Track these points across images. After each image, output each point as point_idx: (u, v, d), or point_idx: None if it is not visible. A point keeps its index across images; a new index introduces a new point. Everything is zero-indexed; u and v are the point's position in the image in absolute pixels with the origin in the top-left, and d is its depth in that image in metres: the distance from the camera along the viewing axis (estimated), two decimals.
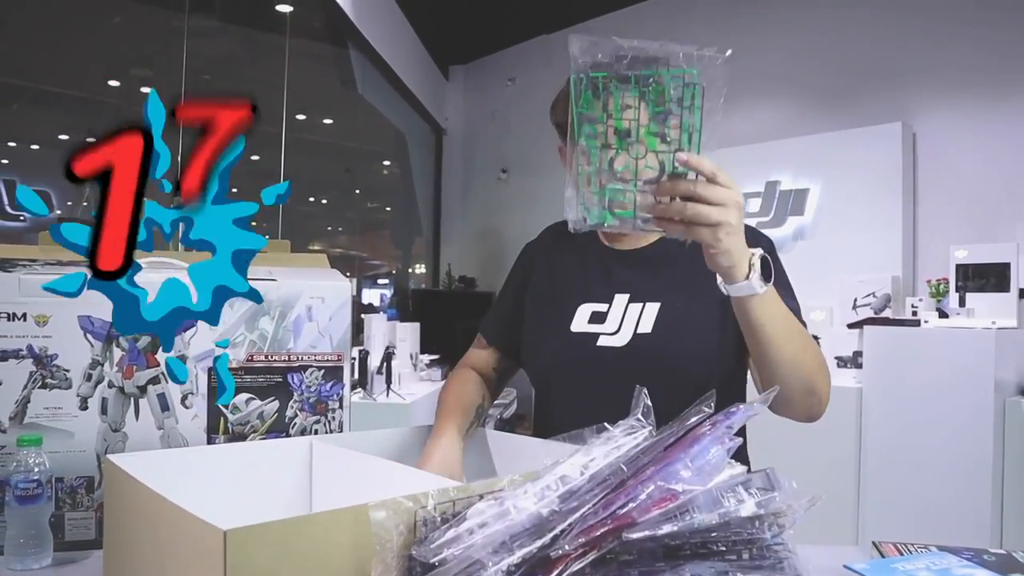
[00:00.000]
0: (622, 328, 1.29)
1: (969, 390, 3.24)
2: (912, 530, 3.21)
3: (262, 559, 0.66)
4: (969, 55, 4.24)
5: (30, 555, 0.98)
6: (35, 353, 1.06)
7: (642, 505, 0.67)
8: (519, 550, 0.65)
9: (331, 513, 0.71)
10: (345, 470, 1.03)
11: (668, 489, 0.68)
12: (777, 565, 0.69)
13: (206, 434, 1.16)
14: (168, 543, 0.75)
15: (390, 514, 0.70)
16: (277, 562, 0.67)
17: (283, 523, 0.68)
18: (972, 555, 0.96)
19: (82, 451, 1.08)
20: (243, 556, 0.64)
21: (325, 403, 1.24)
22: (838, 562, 0.95)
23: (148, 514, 0.80)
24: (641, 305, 1.29)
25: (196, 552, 0.68)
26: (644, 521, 0.66)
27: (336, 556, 0.70)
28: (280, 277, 1.22)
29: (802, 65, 5.00)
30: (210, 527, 0.65)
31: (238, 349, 1.17)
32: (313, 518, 0.71)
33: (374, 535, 0.68)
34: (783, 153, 4.87)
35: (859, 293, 4.25)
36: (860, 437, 3.61)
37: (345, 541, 0.70)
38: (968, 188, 4.23)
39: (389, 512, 0.70)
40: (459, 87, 7.79)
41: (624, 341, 1.28)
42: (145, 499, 0.80)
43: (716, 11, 5.50)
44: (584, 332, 1.31)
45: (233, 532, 0.64)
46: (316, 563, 0.69)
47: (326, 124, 6.79)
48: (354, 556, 0.70)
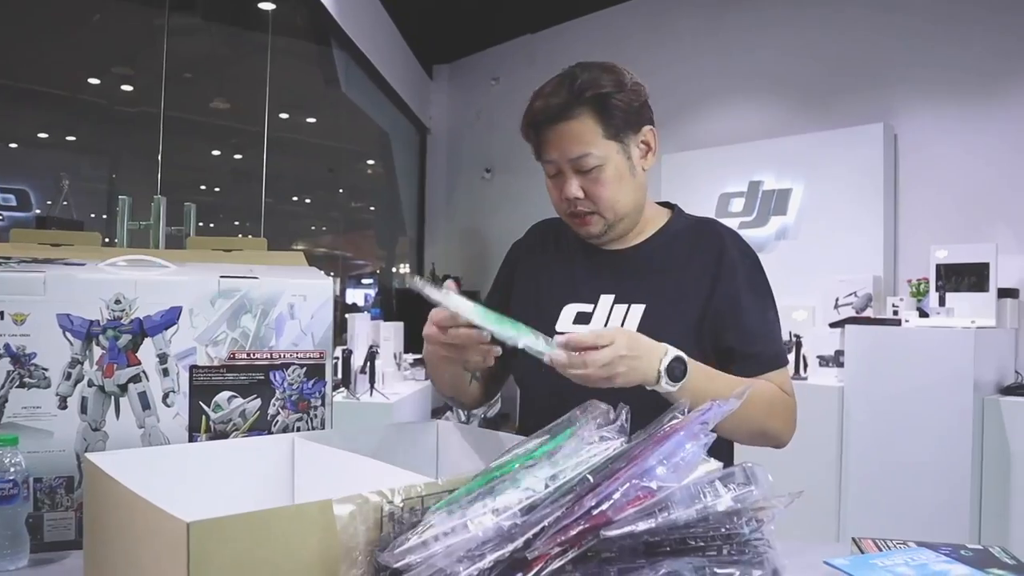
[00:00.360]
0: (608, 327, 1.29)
1: (949, 389, 3.28)
2: (892, 527, 3.24)
3: (226, 552, 0.66)
4: (951, 56, 4.29)
5: (5, 556, 0.97)
6: (12, 352, 1.05)
7: (617, 504, 0.67)
8: (490, 554, 0.65)
9: (297, 507, 0.71)
10: (327, 467, 1.03)
11: (643, 487, 0.68)
12: (755, 560, 0.69)
13: (188, 433, 1.15)
14: (139, 538, 0.75)
15: (355, 509, 0.70)
16: (242, 555, 0.66)
17: (247, 516, 0.67)
18: (950, 550, 0.97)
19: (61, 451, 1.07)
20: (206, 549, 0.64)
21: (307, 401, 1.23)
22: (818, 558, 0.96)
23: (121, 510, 0.80)
24: (626, 307, 1.29)
25: (163, 546, 0.68)
26: (621, 519, 0.66)
27: (302, 550, 0.69)
28: (262, 275, 1.21)
29: (785, 66, 5.03)
30: (174, 520, 0.65)
31: (220, 347, 1.17)
32: (278, 512, 0.70)
33: (339, 530, 0.68)
34: (766, 153, 4.90)
35: (841, 292, 4.28)
36: (842, 435, 3.64)
37: (312, 535, 0.70)
38: (949, 188, 4.28)
39: (354, 507, 0.70)
40: (443, 86, 7.78)
41: None
42: (118, 495, 0.80)
43: (701, 10, 5.53)
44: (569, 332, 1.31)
45: (196, 525, 0.64)
46: (282, 557, 0.69)
47: (309, 123, 6.76)
48: (321, 551, 0.70)
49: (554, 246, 1.41)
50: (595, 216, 1.28)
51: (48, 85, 4.46)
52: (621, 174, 1.26)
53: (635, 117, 1.27)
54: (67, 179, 4.37)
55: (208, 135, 5.73)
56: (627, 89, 1.25)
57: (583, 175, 1.25)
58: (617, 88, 1.24)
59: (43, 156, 4.69)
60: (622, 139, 1.26)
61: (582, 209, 1.28)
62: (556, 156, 1.25)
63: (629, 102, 1.24)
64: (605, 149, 1.24)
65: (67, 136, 4.86)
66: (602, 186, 1.25)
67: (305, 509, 0.70)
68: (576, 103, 1.22)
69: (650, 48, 5.68)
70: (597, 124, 1.23)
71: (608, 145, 1.24)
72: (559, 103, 1.22)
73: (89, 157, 4.97)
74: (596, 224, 1.29)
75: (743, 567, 0.68)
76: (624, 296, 1.31)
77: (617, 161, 1.25)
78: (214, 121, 5.70)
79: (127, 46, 4.75)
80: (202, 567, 0.64)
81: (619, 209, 1.28)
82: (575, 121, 1.22)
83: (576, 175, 1.25)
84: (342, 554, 0.69)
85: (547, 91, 1.25)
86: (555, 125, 1.23)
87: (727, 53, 5.34)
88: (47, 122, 4.63)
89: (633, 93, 1.26)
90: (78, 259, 1.18)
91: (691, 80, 5.44)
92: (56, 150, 4.76)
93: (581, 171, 1.25)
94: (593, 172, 1.24)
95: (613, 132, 1.24)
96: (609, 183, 1.25)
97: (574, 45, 6.15)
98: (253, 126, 5.40)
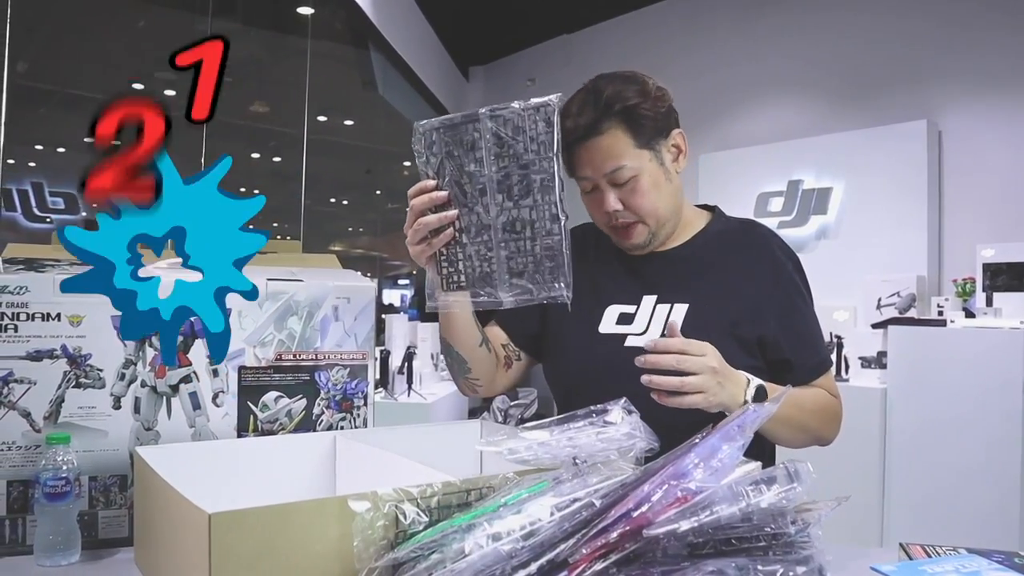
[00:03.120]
0: (650, 328, 1.29)
1: (996, 390, 3.20)
2: (938, 532, 3.17)
3: (247, 543, 0.68)
4: (995, 52, 4.19)
5: (58, 551, 1.00)
6: (69, 353, 1.08)
7: (656, 505, 0.67)
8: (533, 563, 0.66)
9: (317, 502, 0.73)
10: (368, 464, 1.05)
11: (683, 487, 0.68)
12: (801, 560, 0.68)
13: (236, 432, 1.17)
14: (174, 528, 0.78)
15: (371, 506, 0.72)
16: (262, 546, 0.69)
17: (268, 509, 0.69)
18: (1003, 558, 0.94)
19: (115, 450, 1.10)
20: (228, 539, 0.67)
21: (350, 400, 1.25)
22: (864, 563, 0.95)
23: (160, 501, 0.83)
24: (669, 306, 1.30)
25: (191, 535, 0.71)
26: (661, 520, 0.66)
27: (320, 544, 0.71)
28: (306, 278, 1.24)
29: (824, 63, 4.96)
30: (199, 511, 0.68)
31: (267, 348, 1.19)
32: (298, 506, 0.72)
33: (353, 526, 0.70)
34: (806, 152, 4.84)
35: (883, 293, 4.21)
36: (884, 438, 3.58)
37: (332, 529, 0.72)
38: (995, 186, 4.18)
39: (369, 503, 0.72)
40: (479, 88, 7.80)
41: None
42: (157, 487, 0.82)
43: (738, 7, 5.47)
44: (612, 333, 1.32)
45: (218, 516, 0.66)
46: (300, 549, 0.71)
47: (347, 125, 6.82)
48: (340, 544, 0.72)
49: (594, 251, 1.41)
50: (638, 225, 1.29)
51: (94, 90, 4.57)
52: (657, 181, 1.27)
53: (663, 123, 1.27)
54: None
55: (248, 138, 5.82)
56: (652, 97, 1.25)
57: (620, 187, 1.25)
58: (643, 97, 1.24)
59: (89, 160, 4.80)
60: (653, 147, 1.26)
61: (624, 221, 1.28)
62: (590, 172, 1.26)
63: (656, 109, 1.25)
64: (638, 159, 1.24)
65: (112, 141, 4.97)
66: (640, 196, 1.26)
67: (325, 504, 0.72)
68: (604, 118, 1.22)
69: (687, 47, 5.64)
70: (628, 136, 1.23)
71: (641, 155, 1.24)
72: (588, 121, 1.23)
73: None
74: (640, 234, 1.30)
75: (788, 566, 0.67)
76: (666, 296, 1.31)
77: (651, 169, 1.26)
78: (254, 124, 5.79)
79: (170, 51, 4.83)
80: (223, 556, 0.66)
81: (660, 215, 1.29)
82: (606, 136, 1.23)
83: (613, 188, 1.26)
84: (359, 548, 0.71)
85: (574, 110, 1.25)
86: (586, 142, 1.24)
87: (765, 50, 5.27)
88: None
89: (658, 100, 1.26)
90: None
91: (728, 78, 5.39)
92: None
93: (617, 184, 1.25)
94: (629, 183, 1.25)
95: (644, 141, 1.24)
96: (647, 192, 1.26)
97: (610, 45, 6.13)
98: (292, 128, 5.47)
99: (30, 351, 1.06)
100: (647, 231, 1.29)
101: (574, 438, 0.79)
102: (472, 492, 0.78)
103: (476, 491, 0.78)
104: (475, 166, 1.07)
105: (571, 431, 0.81)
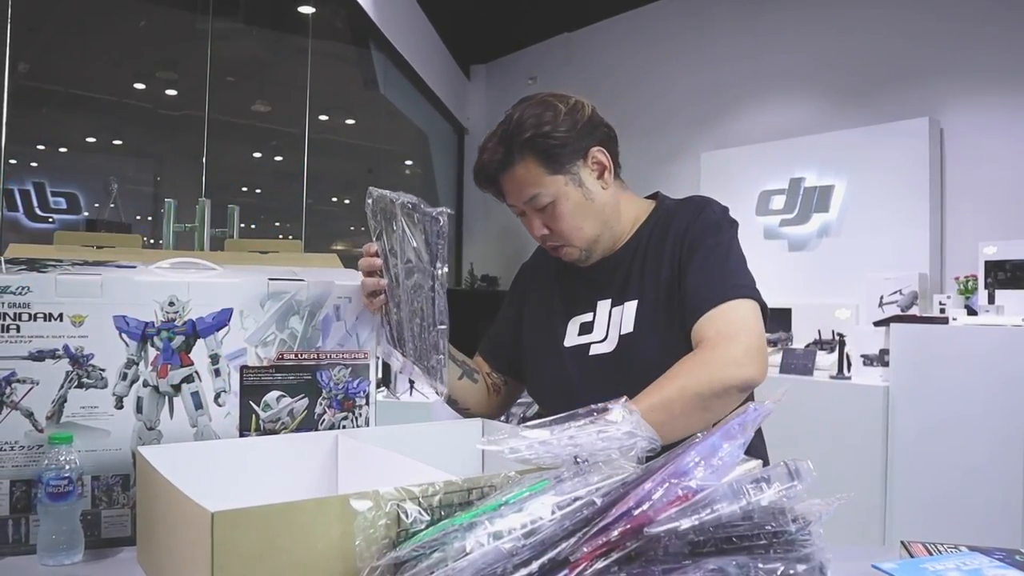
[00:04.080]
0: (609, 333, 1.31)
1: (998, 388, 3.20)
2: (940, 531, 3.17)
3: (249, 541, 0.68)
4: (997, 49, 4.18)
5: (61, 551, 1.00)
6: (71, 353, 1.08)
7: (657, 505, 0.67)
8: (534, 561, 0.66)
9: (319, 501, 0.73)
10: (370, 463, 1.05)
11: (684, 486, 0.68)
12: (801, 558, 0.69)
13: (238, 431, 1.18)
14: (176, 526, 0.78)
15: (372, 505, 0.72)
16: (264, 545, 0.69)
17: (270, 508, 0.70)
18: (1004, 555, 0.94)
19: (118, 449, 1.10)
20: (230, 538, 0.67)
21: (352, 400, 1.25)
22: (865, 561, 0.95)
23: (161, 500, 0.83)
24: (621, 307, 1.31)
25: (193, 533, 0.71)
26: (662, 518, 0.67)
27: (322, 543, 0.72)
28: (308, 277, 1.24)
29: (825, 60, 4.95)
30: (201, 509, 0.68)
31: (269, 348, 1.19)
32: (301, 505, 0.72)
33: (355, 525, 0.70)
34: (807, 149, 4.83)
35: (885, 290, 4.20)
36: (886, 436, 3.57)
37: (332, 529, 0.72)
38: (997, 184, 4.17)
39: (371, 503, 0.72)
40: (480, 86, 7.80)
41: (612, 346, 1.30)
42: (158, 485, 0.83)
43: (739, 8, 5.46)
44: (576, 345, 1.34)
45: (220, 515, 0.66)
46: (303, 548, 0.71)
47: (348, 124, 6.82)
48: (342, 543, 0.72)
49: (556, 264, 1.43)
50: (566, 248, 1.32)
51: (95, 91, 4.58)
52: (577, 203, 1.28)
53: (577, 145, 1.27)
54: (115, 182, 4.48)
55: (250, 137, 5.82)
56: (561, 121, 1.25)
57: (541, 212, 1.29)
58: (551, 124, 1.24)
59: (91, 160, 4.81)
60: (569, 171, 1.27)
61: (552, 244, 1.33)
62: (513, 201, 1.30)
63: (566, 133, 1.25)
64: (553, 186, 1.26)
65: (114, 140, 4.98)
66: (560, 220, 1.28)
67: (327, 503, 0.72)
68: (515, 150, 1.25)
69: (687, 45, 5.63)
70: (539, 165, 1.25)
71: (555, 180, 1.26)
72: (499, 157, 1.27)
73: (135, 160, 5.09)
74: (571, 254, 1.33)
75: (788, 563, 0.67)
76: (618, 296, 1.33)
77: (569, 192, 1.27)
78: (256, 123, 5.79)
79: (171, 51, 4.85)
80: (226, 555, 0.67)
81: (587, 235, 1.31)
82: (519, 167, 1.26)
83: (536, 214, 1.29)
84: (360, 547, 0.71)
85: (490, 145, 1.28)
86: (503, 174, 1.28)
87: (766, 47, 5.27)
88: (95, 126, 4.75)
89: (568, 121, 1.26)
90: (126, 261, 1.21)
91: (729, 76, 5.38)
92: (104, 154, 4.88)
93: (538, 209, 1.28)
94: (548, 209, 1.28)
95: (558, 167, 1.26)
96: (566, 216, 1.28)
97: (611, 44, 6.12)
98: (294, 128, 5.47)
99: (32, 351, 1.07)
100: (577, 251, 1.32)
101: (575, 437, 0.80)
102: (474, 491, 0.78)
103: (478, 490, 0.78)
104: (397, 246, 1.14)
105: (572, 430, 0.81)
